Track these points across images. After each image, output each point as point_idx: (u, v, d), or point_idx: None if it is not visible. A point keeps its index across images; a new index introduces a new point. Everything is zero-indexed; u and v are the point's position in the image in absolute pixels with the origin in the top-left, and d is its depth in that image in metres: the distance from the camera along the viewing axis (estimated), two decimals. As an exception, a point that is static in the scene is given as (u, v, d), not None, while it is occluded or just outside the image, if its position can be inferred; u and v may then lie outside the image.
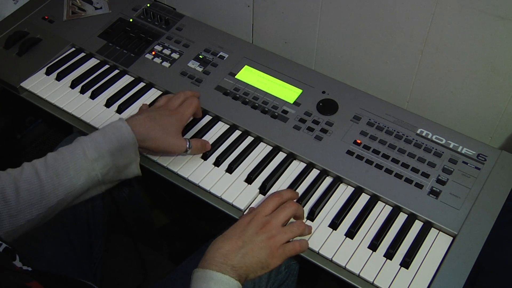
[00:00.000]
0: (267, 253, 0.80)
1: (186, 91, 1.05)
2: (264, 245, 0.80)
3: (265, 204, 0.86)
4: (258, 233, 0.81)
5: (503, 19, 0.90)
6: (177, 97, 1.02)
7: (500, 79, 0.98)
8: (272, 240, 0.81)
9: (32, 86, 1.14)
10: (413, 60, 1.06)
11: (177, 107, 0.99)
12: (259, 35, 1.28)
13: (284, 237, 0.82)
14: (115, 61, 1.18)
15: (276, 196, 0.88)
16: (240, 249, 0.79)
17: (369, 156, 0.98)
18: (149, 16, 1.28)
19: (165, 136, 0.94)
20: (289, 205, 0.86)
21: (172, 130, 0.95)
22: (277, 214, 0.84)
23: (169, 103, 1.00)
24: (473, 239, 0.87)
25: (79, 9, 1.30)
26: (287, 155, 1.01)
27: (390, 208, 0.93)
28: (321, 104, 1.07)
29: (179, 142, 0.96)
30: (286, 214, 0.85)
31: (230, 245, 0.79)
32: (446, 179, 0.94)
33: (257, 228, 0.82)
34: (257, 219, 0.83)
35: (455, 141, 1.00)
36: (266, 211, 0.85)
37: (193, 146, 0.98)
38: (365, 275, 0.84)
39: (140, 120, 0.94)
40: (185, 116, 0.99)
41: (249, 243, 0.79)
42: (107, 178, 0.90)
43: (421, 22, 1.00)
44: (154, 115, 0.95)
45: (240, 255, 0.78)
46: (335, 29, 1.13)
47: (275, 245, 0.81)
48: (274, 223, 0.83)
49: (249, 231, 0.81)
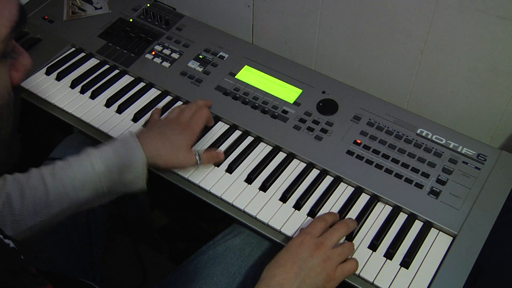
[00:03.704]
0: (324, 277, 0.78)
1: (198, 101, 1.03)
2: (320, 269, 0.78)
3: (314, 225, 0.84)
4: (313, 256, 0.79)
5: (503, 19, 0.90)
6: (188, 109, 1.00)
7: (500, 79, 0.98)
8: (328, 263, 0.79)
9: (32, 86, 1.14)
10: (413, 60, 1.06)
11: (188, 121, 0.97)
12: (259, 35, 1.28)
13: (338, 259, 0.81)
14: (115, 61, 1.18)
15: (322, 219, 0.86)
16: (297, 277, 0.77)
17: (369, 156, 0.98)
18: (149, 16, 1.28)
19: (175, 153, 0.93)
20: (341, 226, 0.85)
21: (182, 147, 0.94)
22: (330, 234, 0.83)
23: (180, 117, 0.98)
24: (473, 239, 0.87)
25: (79, 9, 1.30)
26: (287, 155, 1.01)
27: (390, 208, 0.93)
28: (321, 104, 1.07)
29: (188, 158, 0.95)
30: (339, 235, 0.83)
31: (285, 272, 0.77)
32: (446, 179, 0.94)
33: (311, 250, 0.80)
34: (309, 241, 0.81)
35: (455, 141, 1.00)
36: (316, 232, 0.83)
37: (203, 159, 0.96)
38: (365, 275, 0.84)
39: (151, 137, 0.92)
40: (195, 132, 0.97)
41: (305, 268, 0.78)
42: (113, 191, 0.89)
43: (421, 22, 1.00)
44: (165, 131, 0.94)
45: (297, 284, 0.76)
46: (335, 29, 1.13)
47: (331, 268, 0.79)
48: (327, 244, 0.81)
49: (303, 254, 0.79)
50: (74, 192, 0.85)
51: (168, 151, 0.93)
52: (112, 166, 0.87)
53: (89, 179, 0.86)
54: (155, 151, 0.91)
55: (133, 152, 0.89)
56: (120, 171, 0.88)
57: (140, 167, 0.89)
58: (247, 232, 0.96)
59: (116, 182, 0.88)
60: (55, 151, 1.11)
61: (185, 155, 0.94)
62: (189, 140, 0.96)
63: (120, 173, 0.88)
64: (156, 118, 1.02)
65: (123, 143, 0.90)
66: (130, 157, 0.88)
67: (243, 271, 0.92)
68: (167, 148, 0.93)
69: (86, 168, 0.86)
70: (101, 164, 0.86)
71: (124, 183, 0.89)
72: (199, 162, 0.96)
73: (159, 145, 0.92)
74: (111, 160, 0.87)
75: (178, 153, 0.94)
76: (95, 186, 0.86)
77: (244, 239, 0.95)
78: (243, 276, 0.91)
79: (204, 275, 0.91)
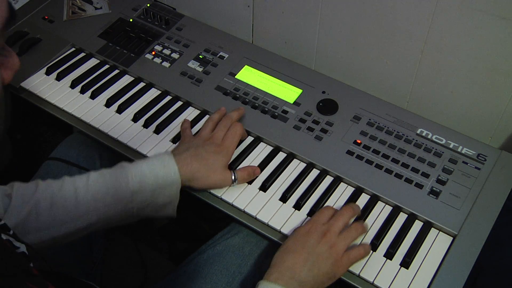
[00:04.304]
0: (332, 262, 0.79)
1: (231, 115, 1.01)
2: (327, 255, 0.80)
3: (321, 213, 0.86)
4: (320, 243, 0.80)
5: (503, 19, 0.90)
6: (223, 126, 0.97)
7: (500, 79, 0.98)
8: (334, 248, 0.80)
9: (32, 86, 1.14)
10: (413, 60, 1.06)
11: (223, 141, 0.95)
12: (259, 35, 1.28)
13: (345, 243, 0.82)
14: (115, 61, 1.18)
15: (329, 207, 0.88)
16: (306, 262, 0.78)
17: (369, 156, 0.98)
18: (149, 16, 1.28)
19: (211, 175, 0.91)
20: (346, 211, 0.86)
21: (219, 168, 0.92)
22: (335, 221, 0.84)
23: (215, 136, 0.95)
24: (473, 239, 0.87)
25: (79, 9, 1.30)
26: (287, 155, 1.01)
27: (390, 208, 0.93)
28: (321, 104, 1.07)
29: (224, 178, 0.92)
30: (344, 220, 0.84)
31: (294, 258, 0.79)
32: (446, 179, 0.94)
33: (318, 237, 0.81)
34: (315, 229, 0.82)
35: (455, 141, 1.00)
36: (322, 220, 0.84)
37: (239, 177, 0.94)
38: (365, 275, 0.84)
39: (188, 159, 0.89)
40: (231, 151, 0.95)
41: (313, 254, 0.79)
42: (141, 213, 0.87)
43: (421, 22, 1.00)
44: (201, 153, 0.91)
45: (307, 269, 0.78)
46: (335, 29, 1.13)
47: (338, 254, 0.80)
48: (333, 231, 0.82)
49: (310, 241, 0.80)
50: (105, 207, 0.83)
51: (204, 174, 0.90)
52: (146, 185, 0.85)
53: (122, 195, 0.84)
54: (191, 174, 0.89)
55: (169, 173, 0.86)
56: (154, 191, 0.85)
57: (174, 190, 0.87)
58: (247, 231, 0.96)
59: (148, 203, 0.86)
60: (55, 151, 1.11)
61: (221, 176, 0.92)
62: (225, 160, 0.93)
63: (153, 194, 0.86)
64: (189, 135, 0.99)
65: (160, 162, 0.87)
66: (166, 179, 0.86)
67: (242, 270, 0.92)
68: (203, 172, 0.90)
69: (121, 185, 0.84)
70: (137, 182, 0.84)
71: (155, 204, 0.87)
72: (236, 182, 0.94)
73: (195, 168, 0.89)
74: (147, 179, 0.85)
75: (214, 175, 0.91)
76: (126, 203, 0.84)
77: (244, 238, 0.95)
78: (243, 275, 0.91)
79: (203, 274, 0.91)
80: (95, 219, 0.84)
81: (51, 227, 0.82)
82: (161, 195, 0.86)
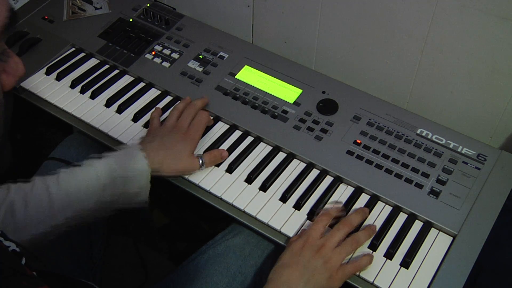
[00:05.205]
0: (327, 277, 0.80)
1: (195, 103, 1.04)
2: (323, 270, 0.80)
3: (315, 226, 0.85)
4: (314, 258, 0.81)
5: (503, 19, 0.90)
6: (187, 115, 1.00)
7: (500, 79, 0.98)
8: (329, 263, 0.81)
9: (32, 86, 1.14)
10: (413, 60, 1.06)
11: (189, 128, 0.99)
12: (259, 35, 1.28)
13: (339, 258, 0.82)
14: (115, 61, 1.18)
15: (325, 216, 0.87)
16: (302, 277, 0.79)
17: (369, 156, 0.98)
18: (149, 16, 1.28)
19: (178, 161, 0.94)
20: (343, 226, 0.85)
21: (185, 154, 0.95)
22: (331, 236, 0.83)
23: (180, 123, 0.99)
24: (473, 239, 0.87)
25: (79, 9, 1.30)
26: (287, 155, 1.01)
27: (390, 208, 0.93)
28: (321, 104, 1.07)
29: (191, 164, 0.96)
30: (340, 235, 0.84)
31: (291, 273, 0.79)
32: (446, 179, 0.94)
33: (313, 252, 0.81)
34: (310, 243, 0.82)
35: (455, 141, 1.00)
36: (317, 234, 0.84)
37: (206, 161, 0.97)
38: (365, 275, 0.84)
39: (154, 148, 0.93)
40: (196, 138, 0.99)
41: (309, 269, 0.79)
42: (115, 203, 0.89)
43: (421, 22, 1.00)
44: (167, 141, 0.95)
45: (303, 284, 0.78)
46: (335, 29, 1.13)
47: (333, 268, 0.81)
48: (328, 246, 0.82)
49: (305, 257, 0.81)
50: (78, 202, 0.85)
51: (171, 161, 0.94)
52: (117, 177, 0.87)
53: (93, 189, 0.86)
54: (159, 162, 0.92)
55: (137, 163, 0.89)
56: (125, 182, 0.88)
57: (144, 179, 0.90)
58: (247, 232, 0.96)
59: (120, 194, 0.88)
60: (55, 151, 1.11)
61: (188, 162, 0.95)
62: (191, 147, 0.97)
63: (124, 185, 0.88)
64: (157, 124, 1.02)
65: (127, 154, 0.91)
66: (134, 169, 0.89)
67: (243, 270, 0.92)
68: (170, 157, 0.93)
69: (91, 179, 0.86)
70: (106, 174, 0.87)
71: (127, 195, 0.90)
72: (203, 166, 0.96)
73: (162, 155, 0.93)
74: (116, 171, 0.88)
75: (181, 161, 0.95)
76: (99, 197, 0.86)
77: (244, 238, 0.95)
78: (243, 276, 0.92)
79: (204, 274, 0.91)
80: (70, 215, 0.85)
81: (28, 226, 0.82)
82: (131, 185, 0.89)
